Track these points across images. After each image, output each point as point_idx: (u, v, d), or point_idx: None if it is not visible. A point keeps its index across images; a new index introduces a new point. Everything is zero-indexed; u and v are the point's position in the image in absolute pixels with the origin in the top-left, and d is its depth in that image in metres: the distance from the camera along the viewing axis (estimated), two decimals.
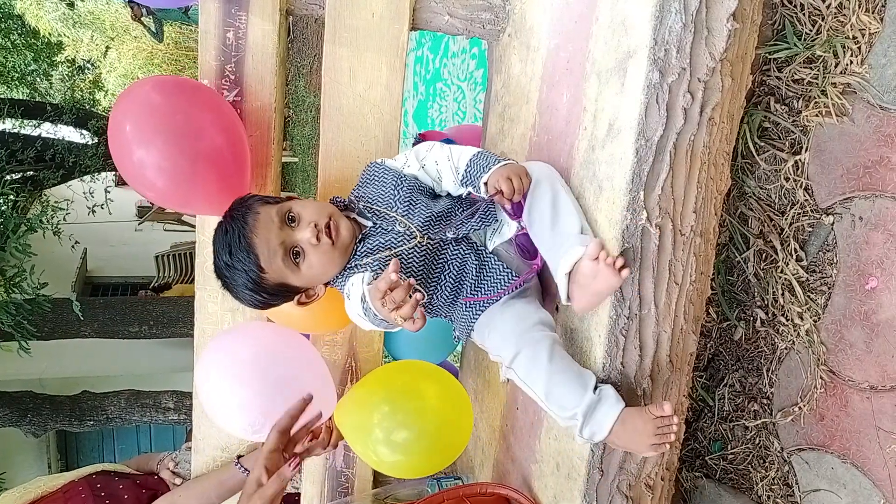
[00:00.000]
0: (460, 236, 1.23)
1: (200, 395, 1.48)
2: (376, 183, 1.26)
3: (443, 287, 1.23)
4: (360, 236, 1.23)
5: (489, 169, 1.16)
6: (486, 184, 1.16)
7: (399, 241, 1.20)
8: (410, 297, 0.99)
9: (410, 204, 1.21)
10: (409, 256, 1.19)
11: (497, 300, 1.22)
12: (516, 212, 1.21)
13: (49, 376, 6.03)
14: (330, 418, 1.59)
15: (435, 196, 1.27)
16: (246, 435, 1.46)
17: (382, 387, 1.51)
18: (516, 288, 1.23)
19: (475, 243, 1.25)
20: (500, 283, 1.23)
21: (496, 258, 1.25)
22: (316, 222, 1.16)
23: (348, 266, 1.23)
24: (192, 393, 1.64)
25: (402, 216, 1.20)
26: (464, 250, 1.23)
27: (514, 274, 1.23)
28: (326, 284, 1.26)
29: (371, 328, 1.16)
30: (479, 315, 1.23)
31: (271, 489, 1.17)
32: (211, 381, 1.44)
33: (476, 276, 1.23)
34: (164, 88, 1.32)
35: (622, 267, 1.02)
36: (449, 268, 1.23)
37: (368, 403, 1.52)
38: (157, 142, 1.25)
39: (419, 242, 1.19)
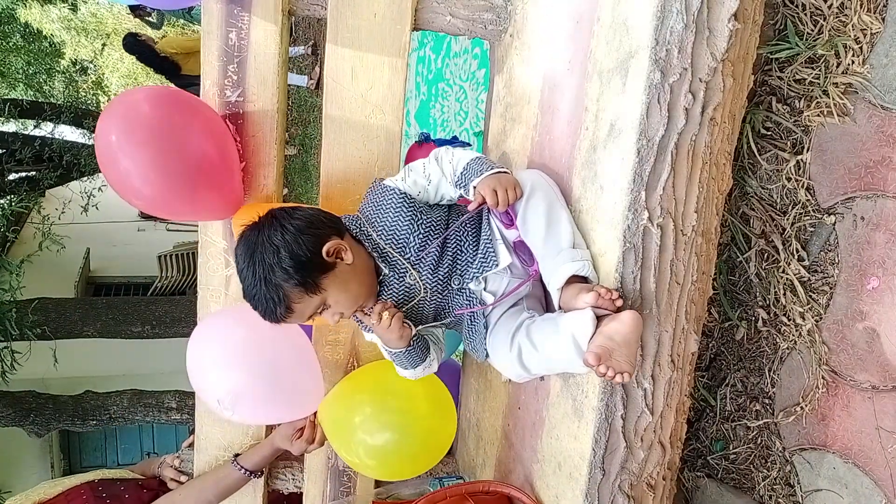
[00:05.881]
0: (464, 286, 1.26)
1: (188, 363, 1.46)
2: (391, 214, 1.23)
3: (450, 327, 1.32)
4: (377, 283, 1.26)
5: (481, 174, 1.19)
6: (475, 187, 1.19)
7: (411, 295, 1.26)
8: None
9: (423, 249, 1.23)
10: (420, 308, 1.27)
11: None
12: (509, 220, 1.23)
13: (52, 376, 6.04)
14: (315, 415, 1.59)
15: (445, 227, 1.26)
16: (216, 408, 1.46)
17: (367, 386, 1.52)
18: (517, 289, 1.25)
19: (471, 289, 1.27)
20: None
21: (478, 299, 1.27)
22: (343, 314, 1.21)
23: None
24: (195, 392, 1.65)
25: (414, 266, 1.23)
26: (465, 297, 1.26)
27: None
28: None
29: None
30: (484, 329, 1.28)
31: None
32: (199, 353, 1.45)
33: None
34: (152, 100, 1.32)
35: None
36: (455, 309, 1.28)
37: (351, 403, 1.52)
38: (143, 153, 1.26)
39: (426, 296, 1.26)
